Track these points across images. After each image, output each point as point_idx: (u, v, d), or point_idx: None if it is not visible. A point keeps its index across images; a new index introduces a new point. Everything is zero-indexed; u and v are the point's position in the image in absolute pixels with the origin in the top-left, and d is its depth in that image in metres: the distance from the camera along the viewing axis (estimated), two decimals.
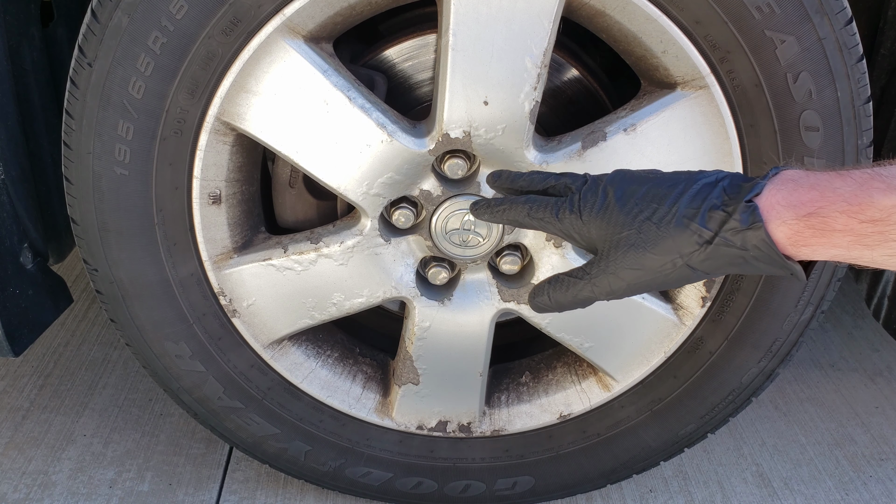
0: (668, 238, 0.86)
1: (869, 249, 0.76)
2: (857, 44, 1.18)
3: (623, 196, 0.90)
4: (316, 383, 1.46)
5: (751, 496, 1.69)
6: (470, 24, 1.16)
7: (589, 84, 1.39)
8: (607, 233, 0.90)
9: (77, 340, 2.10)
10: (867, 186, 0.76)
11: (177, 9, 1.14)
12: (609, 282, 0.91)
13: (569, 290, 0.94)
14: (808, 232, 0.78)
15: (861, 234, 0.76)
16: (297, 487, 1.67)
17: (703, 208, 0.84)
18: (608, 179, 0.93)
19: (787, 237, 0.80)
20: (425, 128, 1.26)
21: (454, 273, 1.38)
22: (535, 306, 0.98)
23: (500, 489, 1.56)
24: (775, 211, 0.80)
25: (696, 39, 1.18)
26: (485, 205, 1.02)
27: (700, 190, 0.86)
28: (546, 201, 0.96)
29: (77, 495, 1.64)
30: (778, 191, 0.81)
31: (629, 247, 0.88)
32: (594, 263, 0.92)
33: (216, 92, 1.20)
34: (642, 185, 0.91)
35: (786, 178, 0.82)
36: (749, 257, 0.82)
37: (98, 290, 1.36)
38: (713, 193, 0.85)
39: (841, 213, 0.77)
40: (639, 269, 0.88)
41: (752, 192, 0.82)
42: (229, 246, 1.34)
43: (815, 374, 2.06)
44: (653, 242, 0.87)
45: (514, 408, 1.51)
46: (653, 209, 0.88)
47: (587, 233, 0.92)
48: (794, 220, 0.79)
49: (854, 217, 0.76)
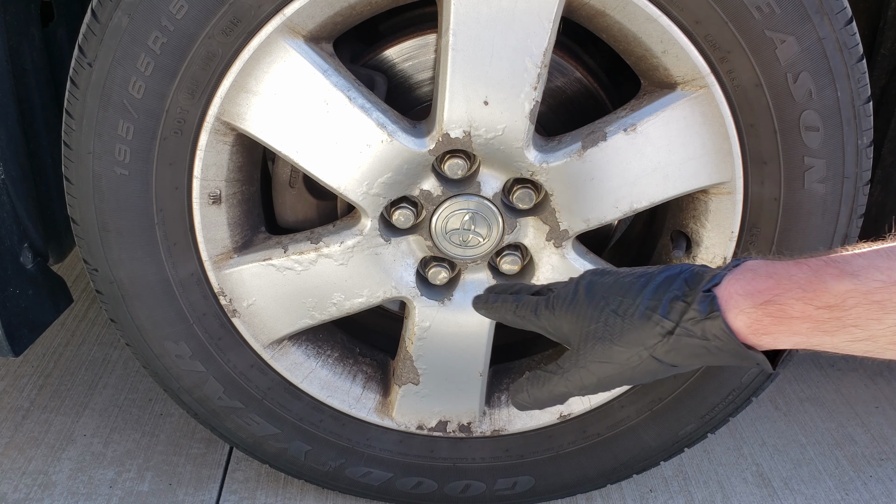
0: (633, 330, 0.86)
1: (829, 336, 0.76)
2: (857, 44, 1.18)
3: (591, 290, 0.92)
4: (316, 383, 1.46)
5: (751, 496, 1.69)
6: (470, 24, 1.16)
7: (589, 84, 1.39)
8: (577, 326, 0.92)
9: (77, 340, 2.10)
10: (821, 273, 0.76)
11: (177, 9, 1.14)
12: (581, 376, 0.92)
13: (544, 387, 0.96)
14: (767, 320, 0.79)
15: (818, 321, 0.76)
16: (297, 487, 1.67)
17: (665, 299, 0.85)
18: (581, 276, 0.96)
19: (747, 325, 0.80)
20: (425, 128, 1.26)
21: (454, 273, 1.38)
22: (517, 405, 1.00)
23: (500, 489, 1.56)
24: (733, 300, 0.80)
25: (696, 39, 1.18)
26: (482, 300, 1.06)
27: (663, 281, 0.87)
28: (530, 300, 0.99)
29: (77, 495, 1.64)
30: (736, 280, 0.81)
31: (596, 340, 0.89)
32: (567, 358, 0.94)
33: (216, 92, 1.20)
34: (609, 277, 0.93)
35: (745, 269, 0.82)
36: (711, 347, 0.82)
37: (98, 290, 1.36)
38: (675, 284, 0.86)
39: (797, 300, 0.77)
40: (606, 361, 0.89)
41: (711, 282, 0.83)
42: (229, 246, 1.35)
43: (815, 374, 2.06)
44: (618, 334, 0.87)
45: (515, 408, 1.50)
46: (618, 302, 0.89)
47: (561, 327, 0.94)
48: (751, 309, 0.79)
49: (810, 304, 0.76)
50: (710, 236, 1.34)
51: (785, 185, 1.26)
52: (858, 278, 0.74)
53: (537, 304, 0.97)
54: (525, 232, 1.33)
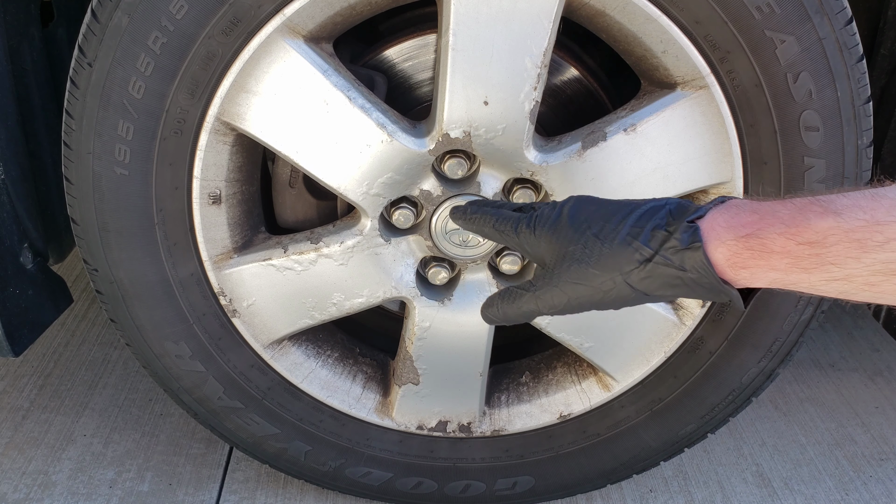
0: (611, 255, 0.87)
1: (807, 273, 0.77)
2: (857, 44, 1.18)
3: (575, 214, 0.93)
4: (316, 383, 1.46)
5: (751, 496, 1.69)
6: (470, 24, 1.16)
7: (589, 84, 1.39)
8: (555, 247, 0.92)
9: (77, 340, 2.10)
10: (805, 210, 0.77)
11: (177, 9, 1.14)
12: (552, 295, 0.92)
13: (514, 303, 0.96)
14: (747, 253, 0.79)
15: (798, 257, 0.77)
16: (297, 487, 1.67)
17: (647, 227, 0.86)
18: (566, 199, 0.96)
19: (726, 258, 0.81)
20: (425, 128, 1.26)
21: (454, 273, 1.38)
22: (485, 317, 1.01)
23: (500, 489, 1.56)
24: (715, 232, 0.81)
25: (696, 39, 1.18)
26: (461, 211, 1.06)
27: (647, 211, 0.88)
28: (510, 216, 0.99)
29: (77, 495, 1.64)
30: (720, 214, 0.82)
31: (573, 261, 0.90)
32: (540, 277, 0.94)
33: (216, 92, 1.20)
34: (594, 205, 0.93)
35: (730, 205, 0.84)
36: (687, 279, 0.83)
37: (98, 290, 1.37)
38: (658, 214, 0.86)
39: (779, 235, 0.77)
40: (579, 283, 0.89)
41: (695, 214, 0.84)
42: (229, 246, 1.35)
43: (815, 374, 2.06)
44: (596, 258, 0.88)
45: (514, 408, 1.51)
46: (600, 226, 0.89)
47: (539, 247, 0.94)
48: (732, 241, 0.80)
49: (791, 239, 0.77)
50: None
51: (785, 186, 1.26)
52: (841, 216, 0.75)
53: (518, 220, 0.97)
54: None
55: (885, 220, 0.72)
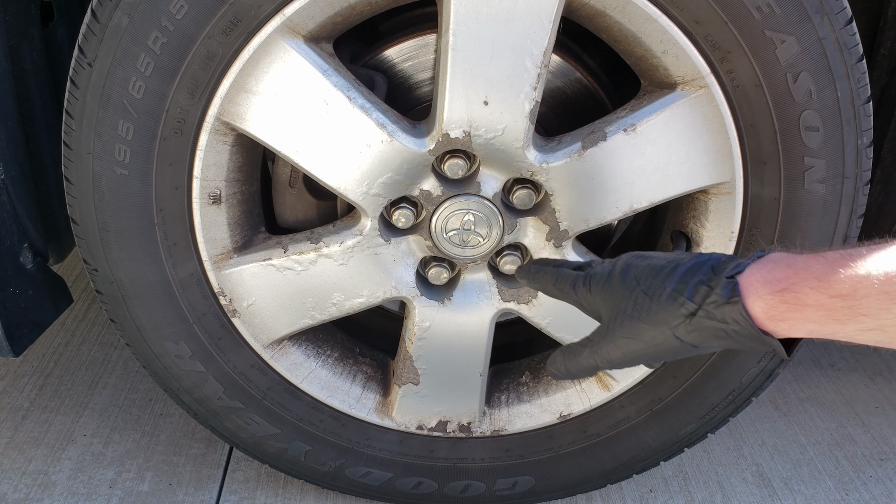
0: (659, 310, 0.92)
1: (841, 324, 0.80)
2: (857, 44, 1.18)
3: (625, 271, 0.98)
4: (316, 383, 1.46)
5: (751, 496, 1.69)
6: (470, 24, 1.16)
7: (589, 84, 1.39)
8: (610, 304, 0.98)
9: (77, 340, 2.10)
10: (836, 264, 0.80)
11: (177, 9, 1.14)
12: (608, 350, 0.97)
13: (575, 359, 1.02)
14: (783, 307, 0.83)
15: (832, 310, 0.80)
16: (297, 487, 1.67)
17: (692, 283, 0.90)
18: (619, 258, 1.02)
19: (764, 311, 0.84)
20: (425, 128, 1.26)
21: (454, 273, 1.38)
22: (552, 374, 1.08)
23: (500, 489, 1.56)
24: (753, 287, 0.85)
25: (696, 39, 1.18)
26: (525, 269, 1.15)
27: (691, 267, 0.92)
28: (569, 275, 1.06)
29: (77, 495, 1.64)
30: (759, 269, 0.86)
31: (625, 317, 0.95)
32: (597, 332, 1.00)
33: (216, 92, 1.20)
34: (644, 260, 0.98)
35: (768, 259, 0.87)
36: (730, 331, 0.87)
37: (98, 290, 1.37)
38: (702, 270, 0.91)
39: (812, 290, 0.81)
40: (633, 338, 0.94)
41: (734, 270, 0.88)
42: (229, 246, 1.35)
43: (815, 374, 2.06)
44: (646, 313, 0.93)
45: (514, 408, 1.51)
46: (648, 283, 0.94)
47: (595, 304, 1.01)
48: (769, 295, 0.84)
49: (824, 293, 0.80)
50: (710, 236, 1.34)
51: (785, 185, 1.26)
52: (870, 270, 0.78)
53: (576, 279, 1.03)
54: (525, 232, 1.33)
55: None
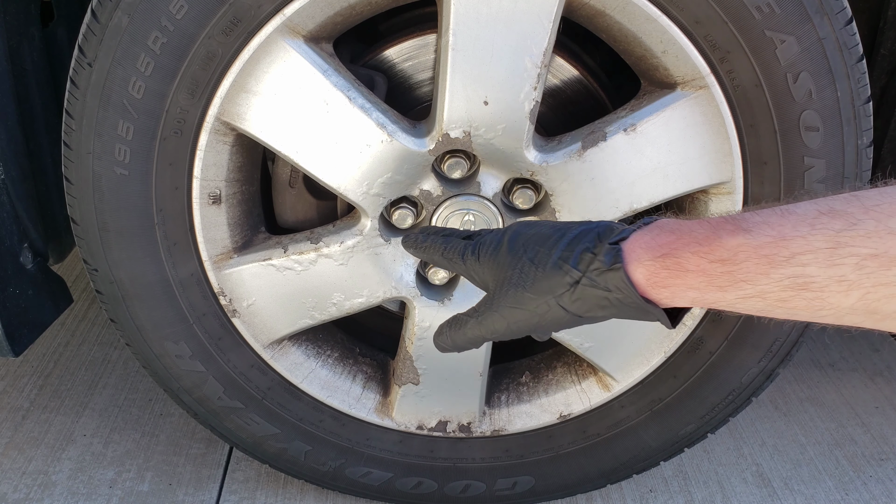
0: (544, 278, 0.89)
1: (722, 291, 0.78)
2: (857, 44, 1.18)
3: (514, 240, 0.95)
4: (316, 383, 1.46)
5: (751, 496, 1.69)
6: (470, 24, 1.16)
7: (589, 84, 1.39)
8: (496, 273, 0.95)
9: (77, 340, 2.10)
10: (718, 228, 0.79)
11: (177, 9, 1.14)
12: (493, 320, 0.95)
13: (460, 330, 0.99)
14: (664, 273, 0.81)
15: (712, 275, 0.78)
16: (297, 487, 1.67)
17: (577, 250, 0.88)
18: (508, 226, 0.99)
19: (645, 278, 0.82)
20: (425, 128, 1.26)
21: (454, 273, 1.38)
22: (438, 346, 1.03)
23: (500, 489, 1.56)
24: (635, 253, 0.83)
25: (696, 39, 1.18)
26: (412, 239, 1.09)
27: (578, 234, 0.90)
28: (458, 244, 1.02)
29: (77, 495, 1.64)
30: (643, 235, 0.84)
31: (510, 285, 0.92)
32: (482, 302, 0.96)
33: (216, 92, 1.20)
34: (532, 229, 0.96)
35: (653, 226, 0.85)
36: (613, 299, 0.85)
37: (98, 290, 1.37)
38: (587, 237, 0.89)
39: (692, 254, 0.79)
40: (517, 307, 0.92)
41: (619, 236, 0.86)
42: (229, 246, 1.35)
43: (815, 374, 2.06)
44: (531, 282, 0.90)
45: (514, 408, 1.51)
46: (535, 251, 0.92)
47: (483, 274, 0.97)
48: (650, 261, 0.82)
49: (704, 257, 0.78)
50: None
51: (785, 185, 1.26)
52: (751, 233, 0.76)
53: (465, 248, 1.00)
54: None
55: (791, 234, 0.73)
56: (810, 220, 0.73)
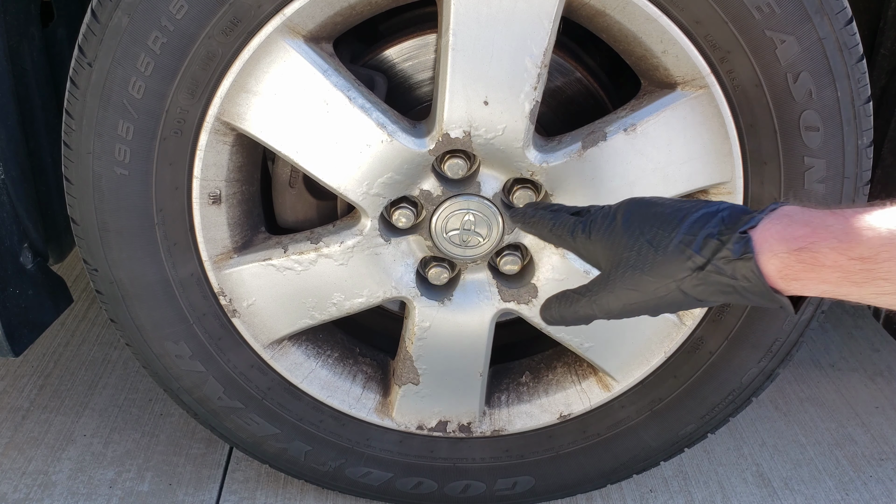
0: (664, 262, 0.88)
1: (857, 287, 0.78)
2: (857, 44, 1.18)
3: (629, 219, 0.94)
4: (316, 383, 1.46)
5: (751, 496, 1.69)
6: (470, 24, 1.16)
7: (589, 84, 1.39)
8: (611, 253, 0.94)
9: (77, 340, 2.10)
10: (857, 224, 0.78)
11: (177, 9, 1.14)
12: (607, 300, 0.94)
13: (571, 306, 0.99)
14: (799, 266, 0.80)
15: (849, 272, 0.77)
16: (297, 487, 1.67)
17: (700, 236, 0.87)
18: (620, 203, 0.98)
19: (778, 270, 0.82)
20: (425, 128, 1.26)
21: (454, 273, 1.38)
22: (545, 319, 1.04)
23: (500, 489, 1.56)
24: (768, 244, 0.82)
25: (696, 39, 1.18)
26: (520, 213, 1.09)
27: (700, 218, 0.89)
28: (567, 220, 1.01)
29: (77, 495, 1.64)
30: (773, 225, 0.83)
31: (628, 267, 0.91)
32: (597, 282, 0.96)
33: (216, 92, 1.20)
34: (648, 208, 0.95)
35: (782, 214, 0.84)
36: (739, 287, 0.84)
37: (98, 290, 1.36)
38: (711, 222, 0.87)
39: (831, 250, 0.78)
40: (634, 289, 0.91)
41: (748, 224, 0.85)
42: (229, 246, 1.35)
43: (815, 374, 2.06)
44: (650, 265, 0.89)
45: (515, 408, 1.51)
46: (653, 233, 0.91)
47: (595, 252, 0.97)
48: (785, 254, 0.81)
49: (843, 254, 0.78)
50: None
51: (785, 185, 1.26)
52: (894, 233, 0.75)
53: (574, 224, 0.99)
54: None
55: None
56: None
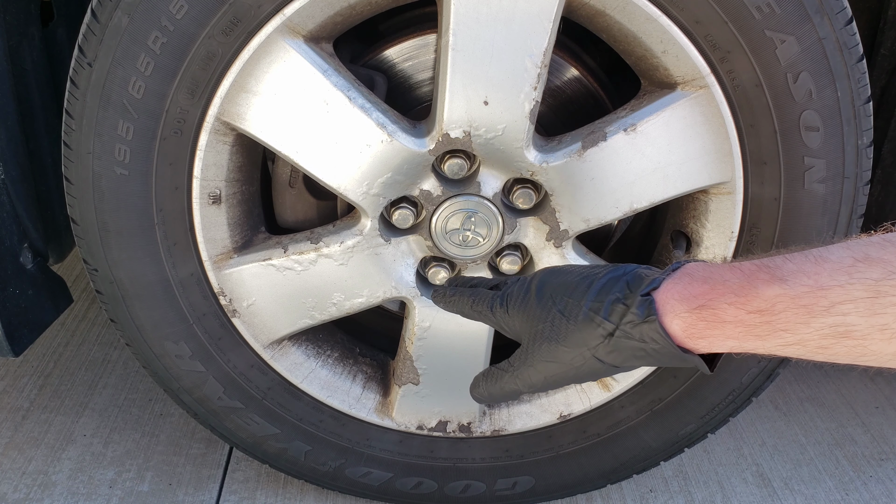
0: (577, 331, 0.88)
1: (761, 340, 0.77)
2: (857, 44, 1.18)
3: (541, 290, 0.93)
4: (316, 383, 1.46)
5: (751, 496, 1.69)
6: (470, 24, 1.16)
7: (589, 84, 1.39)
8: (527, 326, 0.93)
9: (77, 340, 2.10)
10: (753, 278, 0.77)
11: (177, 9, 1.14)
12: (529, 374, 0.93)
13: (497, 383, 0.97)
14: (702, 324, 0.80)
15: (750, 325, 0.77)
16: (297, 487, 1.67)
17: (607, 301, 0.86)
18: (535, 274, 0.97)
19: (682, 329, 0.81)
20: (425, 128, 1.26)
21: (454, 273, 1.38)
22: (474, 398, 1.02)
23: (500, 489, 1.56)
24: (669, 304, 0.82)
25: (696, 39, 1.18)
26: (440, 292, 1.08)
27: (606, 283, 0.88)
28: (486, 295, 1.00)
29: (77, 495, 1.64)
30: (674, 285, 0.83)
31: (543, 339, 0.91)
32: (517, 356, 0.95)
33: (216, 92, 1.20)
34: (559, 277, 0.94)
35: (683, 273, 0.83)
36: (649, 350, 0.83)
37: (98, 290, 1.36)
38: (616, 286, 0.87)
39: (729, 305, 0.78)
40: (552, 361, 0.90)
41: (650, 286, 0.84)
42: (229, 246, 1.35)
43: (815, 374, 2.06)
44: (563, 335, 0.89)
45: (514, 408, 1.51)
46: (564, 303, 0.90)
47: (514, 325, 0.96)
48: (686, 313, 0.80)
49: (741, 308, 0.77)
50: (710, 236, 1.34)
51: (785, 186, 1.26)
52: (787, 283, 0.75)
53: (493, 299, 0.98)
54: (525, 232, 1.33)
55: (829, 284, 0.72)
56: (846, 267, 0.72)
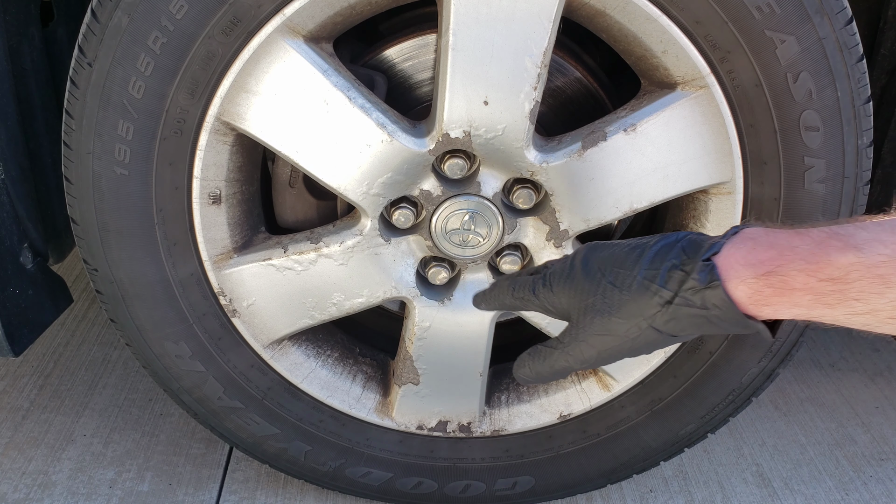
0: (631, 301, 0.85)
1: (830, 308, 0.76)
2: (857, 44, 1.18)
3: (587, 264, 0.91)
4: (316, 383, 1.46)
5: (751, 496, 1.69)
6: (470, 24, 1.16)
7: (589, 84, 1.39)
8: (575, 301, 0.91)
9: (77, 340, 2.10)
10: (825, 245, 0.75)
11: (177, 9, 1.14)
12: (581, 349, 0.91)
13: (546, 361, 0.95)
14: (768, 291, 0.78)
15: (821, 293, 0.75)
16: (297, 487, 1.67)
17: (663, 269, 0.84)
18: (576, 251, 0.95)
19: (748, 296, 0.79)
20: (425, 128, 1.26)
21: (454, 273, 1.38)
22: (519, 378, 1.00)
23: (500, 489, 1.56)
24: (734, 270, 0.79)
25: (697, 39, 1.18)
26: (481, 295, 1.06)
27: (659, 251, 0.86)
28: (526, 280, 0.98)
29: (77, 495, 1.64)
30: (737, 249, 0.80)
31: (595, 313, 0.88)
32: (567, 332, 0.93)
33: (216, 92, 1.20)
34: (605, 250, 0.92)
35: (745, 237, 0.81)
36: (711, 316, 0.81)
37: (98, 290, 1.36)
38: (672, 253, 0.84)
39: (799, 272, 0.76)
40: (606, 334, 0.88)
41: (710, 251, 0.82)
42: (229, 246, 1.35)
43: (815, 374, 2.06)
44: (617, 307, 0.86)
45: (515, 408, 1.51)
46: (615, 273, 0.88)
47: (560, 304, 0.93)
48: (752, 279, 0.78)
49: (812, 276, 0.75)
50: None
51: (785, 185, 1.26)
52: (863, 252, 0.73)
53: (534, 282, 0.96)
54: (525, 232, 1.33)
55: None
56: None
